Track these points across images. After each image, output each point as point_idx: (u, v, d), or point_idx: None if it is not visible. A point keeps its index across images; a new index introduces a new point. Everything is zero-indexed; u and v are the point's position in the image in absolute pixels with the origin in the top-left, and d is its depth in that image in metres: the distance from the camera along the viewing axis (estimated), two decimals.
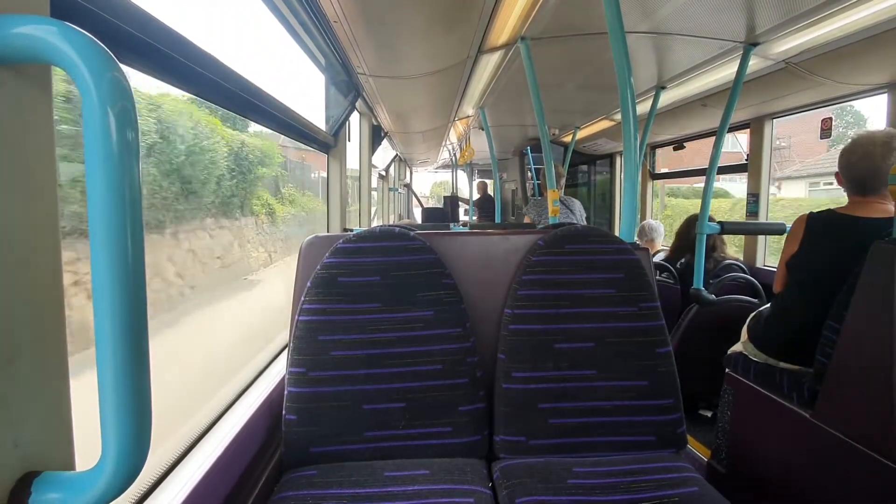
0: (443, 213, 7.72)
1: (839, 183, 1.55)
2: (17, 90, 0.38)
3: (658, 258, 2.73)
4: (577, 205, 3.35)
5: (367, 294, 1.08)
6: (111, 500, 0.37)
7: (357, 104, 2.58)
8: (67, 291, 0.44)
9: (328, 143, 2.16)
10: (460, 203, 8.35)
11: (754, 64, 2.08)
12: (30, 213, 0.39)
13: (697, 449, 1.95)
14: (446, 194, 8.95)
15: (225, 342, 1.84)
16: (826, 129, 2.39)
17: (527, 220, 3.50)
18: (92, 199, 0.35)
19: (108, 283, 0.35)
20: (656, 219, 3.92)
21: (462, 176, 8.88)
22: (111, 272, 0.35)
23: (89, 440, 0.45)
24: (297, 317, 1.07)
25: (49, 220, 0.41)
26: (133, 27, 0.63)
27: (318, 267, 1.08)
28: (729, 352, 1.75)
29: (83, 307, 0.95)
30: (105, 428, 0.36)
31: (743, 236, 2.94)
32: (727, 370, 1.71)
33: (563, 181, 3.22)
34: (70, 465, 0.43)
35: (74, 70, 0.34)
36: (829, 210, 1.51)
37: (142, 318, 0.37)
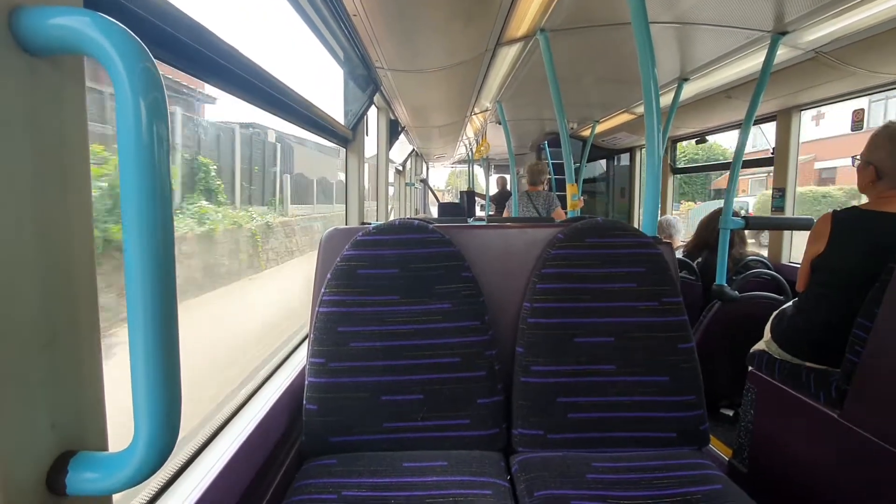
0: (459, 209, 7.71)
1: (864, 175, 1.46)
2: (52, 81, 0.39)
3: (676, 255, 2.68)
4: (545, 200, 3.45)
5: (386, 286, 1.08)
6: (143, 480, 0.38)
7: (375, 98, 2.59)
8: None
9: (346, 137, 2.17)
10: (477, 198, 8.33)
11: (782, 54, 2.01)
12: (65, 203, 0.40)
13: (719, 448, 1.91)
14: (463, 189, 8.95)
15: None
16: (858, 121, 2.31)
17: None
18: (125, 188, 0.35)
19: (139, 269, 0.36)
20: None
21: (479, 171, 8.85)
22: (143, 259, 0.36)
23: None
24: (317, 308, 1.08)
25: (83, 209, 0.42)
26: (160, 20, 0.64)
27: (338, 259, 1.09)
28: (752, 350, 1.71)
29: None
30: (137, 411, 0.37)
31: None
32: (750, 368, 1.68)
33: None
34: (104, 445, 0.44)
35: (108, 60, 0.34)
36: (854, 207, 1.46)
37: (172, 305, 0.38)
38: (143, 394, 0.37)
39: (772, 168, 2.76)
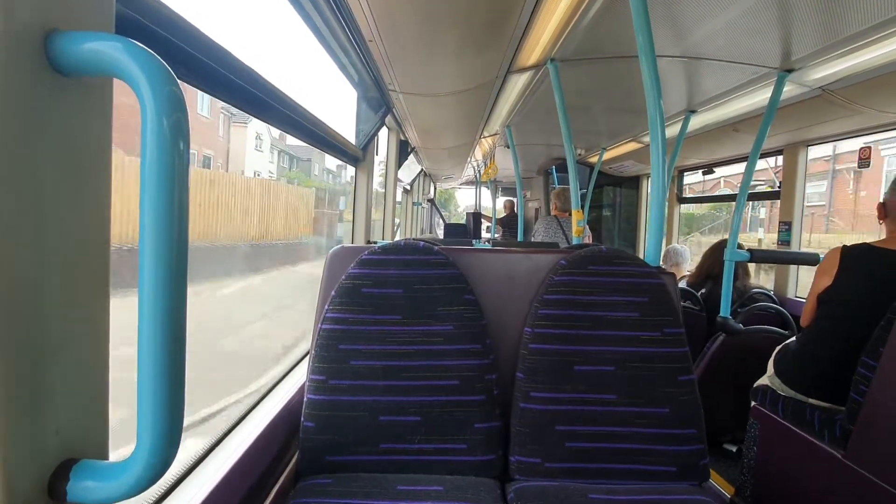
0: (465, 230, 7.74)
1: (879, 212, 1.49)
2: (81, 100, 0.41)
3: (681, 284, 2.67)
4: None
5: (389, 306, 1.09)
6: (142, 491, 0.38)
7: (386, 120, 2.64)
8: None
9: (357, 156, 2.21)
10: (483, 220, 8.38)
11: (789, 90, 2.04)
12: (85, 216, 0.41)
13: (721, 485, 1.87)
14: (470, 210, 9.04)
15: None
16: (864, 159, 2.32)
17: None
18: (145, 203, 0.37)
19: (152, 282, 0.37)
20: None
21: (485, 193, 8.91)
22: (156, 273, 0.37)
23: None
24: (319, 325, 1.08)
25: (101, 223, 0.43)
26: (185, 43, 0.68)
27: (343, 277, 1.10)
28: (755, 384, 1.69)
29: None
30: (141, 421, 0.38)
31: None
32: (754, 403, 1.65)
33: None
34: (105, 454, 0.45)
35: (136, 84, 0.36)
36: (864, 243, 1.46)
37: (181, 322, 0.39)
38: (148, 405, 0.37)
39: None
